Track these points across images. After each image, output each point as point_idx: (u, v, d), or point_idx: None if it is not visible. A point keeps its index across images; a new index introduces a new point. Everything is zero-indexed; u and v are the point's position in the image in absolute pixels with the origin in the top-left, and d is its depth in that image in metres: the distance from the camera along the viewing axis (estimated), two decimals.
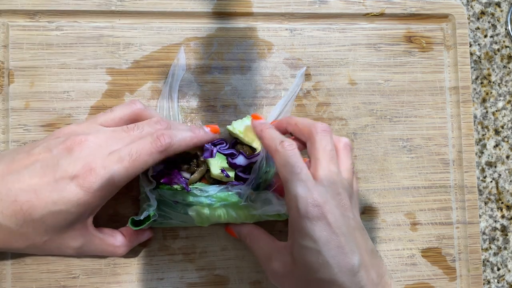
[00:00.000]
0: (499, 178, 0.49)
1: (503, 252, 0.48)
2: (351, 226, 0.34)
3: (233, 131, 0.40)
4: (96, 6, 0.42)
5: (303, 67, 0.44)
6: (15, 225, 0.33)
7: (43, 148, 0.34)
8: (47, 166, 0.33)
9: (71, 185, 0.33)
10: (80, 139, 0.34)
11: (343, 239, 0.33)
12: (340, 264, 0.33)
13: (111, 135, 0.35)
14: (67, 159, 0.33)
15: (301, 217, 0.33)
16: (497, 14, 0.49)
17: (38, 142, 0.36)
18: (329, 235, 0.33)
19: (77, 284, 0.40)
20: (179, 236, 0.42)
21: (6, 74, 0.41)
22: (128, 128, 0.36)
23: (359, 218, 0.36)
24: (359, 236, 0.34)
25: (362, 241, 0.34)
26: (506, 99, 0.49)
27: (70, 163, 0.33)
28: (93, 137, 0.35)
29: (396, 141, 0.45)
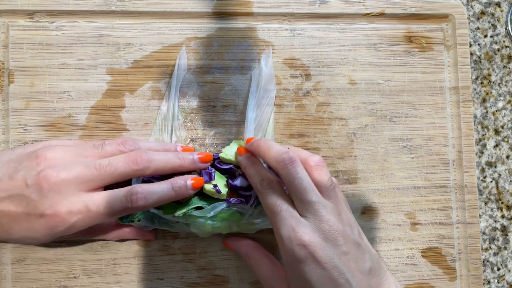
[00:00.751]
0: (499, 178, 0.49)
1: (503, 252, 0.48)
2: (343, 253, 0.33)
3: (226, 158, 0.39)
4: (96, 6, 0.42)
5: (269, 50, 0.44)
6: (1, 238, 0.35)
7: (22, 178, 0.34)
8: (22, 199, 0.34)
9: (41, 221, 0.34)
10: (51, 175, 0.34)
11: (336, 273, 0.33)
12: None
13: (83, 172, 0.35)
14: (37, 196, 0.34)
15: (289, 260, 0.34)
16: (497, 14, 0.49)
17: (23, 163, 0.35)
18: (320, 273, 0.33)
19: (77, 284, 0.40)
20: (179, 236, 0.42)
21: (6, 74, 0.41)
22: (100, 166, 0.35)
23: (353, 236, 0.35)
24: (353, 259, 0.34)
25: (356, 265, 0.34)
26: (506, 99, 0.49)
27: (40, 201, 0.34)
28: (66, 173, 0.34)
29: (396, 141, 0.45)
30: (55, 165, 0.35)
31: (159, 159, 0.36)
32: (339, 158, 0.44)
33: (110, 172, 0.35)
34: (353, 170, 0.44)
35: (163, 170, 0.37)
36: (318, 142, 0.44)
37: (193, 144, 0.42)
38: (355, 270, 0.33)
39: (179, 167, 0.37)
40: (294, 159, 0.35)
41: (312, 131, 0.44)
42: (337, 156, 0.44)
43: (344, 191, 0.44)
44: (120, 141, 0.37)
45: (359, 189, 0.44)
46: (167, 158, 0.37)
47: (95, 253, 0.41)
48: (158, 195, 0.35)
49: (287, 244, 0.33)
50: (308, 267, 0.33)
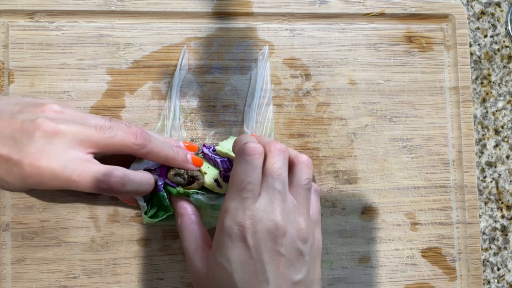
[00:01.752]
0: (499, 178, 0.49)
1: (503, 252, 0.48)
2: (276, 254, 0.32)
3: (222, 151, 0.40)
4: (96, 6, 0.42)
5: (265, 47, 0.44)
6: None
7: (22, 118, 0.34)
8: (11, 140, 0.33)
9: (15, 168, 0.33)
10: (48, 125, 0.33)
11: (260, 266, 0.31)
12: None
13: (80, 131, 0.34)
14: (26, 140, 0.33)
15: (223, 233, 0.32)
16: (497, 14, 0.49)
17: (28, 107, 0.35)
18: (245, 259, 0.31)
19: (77, 284, 0.40)
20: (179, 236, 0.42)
21: (6, 74, 0.41)
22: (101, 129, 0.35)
23: (301, 244, 0.33)
24: (285, 267, 0.32)
25: (285, 272, 0.32)
26: (506, 99, 0.49)
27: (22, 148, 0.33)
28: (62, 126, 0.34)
29: (396, 141, 0.45)
30: (58, 118, 0.34)
31: (157, 143, 0.36)
32: (339, 158, 0.44)
33: (108, 136, 0.34)
34: (353, 170, 0.44)
35: (157, 155, 0.36)
36: (318, 142, 0.44)
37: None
38: (281, 275, 0.32)
39: (172, 159, 0.37)
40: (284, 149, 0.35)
41: (312, 131, 0.44)
42: (337, 156, 0.44)
43: (344, 191, 0.44)
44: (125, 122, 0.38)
45: (359, 189, 0.44)
46: (165, 146, 0.37)
47: (95, 253, 0.41)
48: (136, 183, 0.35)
49: (229, 218, 0.32)
50: (237, 248, 0.32)
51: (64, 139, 0.33)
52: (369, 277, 0.44)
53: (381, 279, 0.44)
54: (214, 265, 0.33)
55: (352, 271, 0.44)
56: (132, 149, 0.35)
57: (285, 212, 0.33)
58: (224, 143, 0.40)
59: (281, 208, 0.33)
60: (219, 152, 0.40)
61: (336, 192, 0.44)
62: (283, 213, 0.33)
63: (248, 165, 0.33)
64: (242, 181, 0.33)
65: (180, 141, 0.40)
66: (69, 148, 0.33)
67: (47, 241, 0.40)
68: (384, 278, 0.44)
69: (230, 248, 0.32)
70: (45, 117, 0.34)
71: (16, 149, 0.33)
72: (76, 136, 0.34)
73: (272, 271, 0.31)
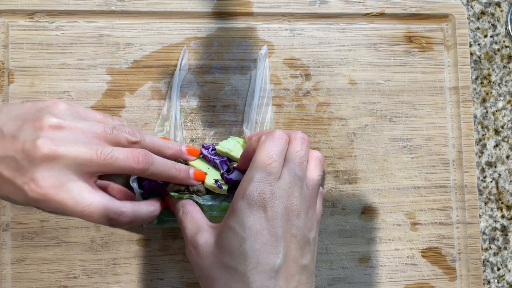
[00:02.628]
0: (499, 178, 0.49)
1: (503, 252, 0.48)
2: (289, 233, 0.33)
3: (222, 150, 0.40)
4: (96, 6, 0.42)
5: (264, 47, 0.44)
6: None
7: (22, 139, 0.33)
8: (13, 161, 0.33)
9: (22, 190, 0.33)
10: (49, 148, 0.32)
11: (273, 239, 0.32)
12: (259, 260, 0.31)
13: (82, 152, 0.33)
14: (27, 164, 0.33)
15: (242, 198, 0.33)
16: (497, 14, 0.49)
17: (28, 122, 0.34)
18: (260, 228, 0.32)
19: (77, 284, 0.40)
20: (179, 236, 0.42)
21: (6, 74, 0.41)
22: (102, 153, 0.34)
23: (308, 233, 0.34)
24: (295, 248, 0.33)
25: (296, 254, 0.33)
26: (506, 99, 0.49)
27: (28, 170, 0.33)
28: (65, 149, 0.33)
29: (396, 141, 0.45)
30: (56, 137, 0.33)
31: (158, 164, 0.36)
32: (339, 158, 0.44)
33: (109, 163, 0.34)
34: (353, 170, 0.44)
35: (160, 176, 0.36)
36: (318, 142, 0.44)
37: (193, 144, 0.42)
38: (291, 254, 0.33)
39: (174, 178, 0.37)
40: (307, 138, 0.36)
41: (312, 131, 0.44)
42: (337, 156, 0.44)
43: (344, 191, 0.44)
44: (129, 130, 0.37)
45: (359, 189, 0.44)
46: (166, 167, 0.37)
47: (95, 253, 0.41)
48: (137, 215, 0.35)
49: (252, 187, 0.33)
50: (254, 215, 0.32)
51: (66, 164, 0.33)
52: (369, 277, 0.44)
53: (381, 279, 0.44)
54: (225, 231, 0.33)
55: (352, 271, 0.44)
56: (134, 172, 0.35)
57: (301, 198, 0.34)
58: (224, 142, 0.40)
59: (299, 194, 0.34)
60: (219, 152, 0.40)
61: (336, 192, 0.44)
62: (299, 198, 0.34)
63: (276, 146, 0.34)
64: (270, 157, 0.34)
65: (182, 145, 0.40)
66: (72, 173, 0.33)
67: (47, 241, 0.40)
68: (384, 278, 0.44)
69: (247, 215, 0.32)
70: (44, 137, 0.33)
71: (19, 172, 0.33)
72: (77, 161, 0.33)
73: (284, 247, 0.32)
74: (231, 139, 0.41)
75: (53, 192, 0.32)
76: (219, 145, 0.40)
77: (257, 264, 0.31)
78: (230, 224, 0.33)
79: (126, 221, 0.34)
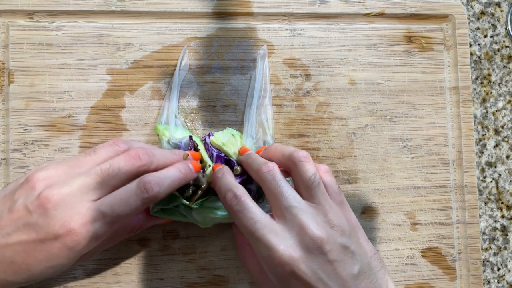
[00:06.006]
0: (499, 178, 0.49)
1: (503, 252, 0.48)
2: (328, 263, 0.32)
3: (216, 143, 0.40)
4: (96, 6, 0.42)
5: (263, 47, 0.44)
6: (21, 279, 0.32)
7: (22, 205, 0.32)
8: (30, 227, 0.31)
9: (57, 244, 0.31)
10: (53, 194, 0.31)
11: (321, 286, 0.31)
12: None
13: (85, 183, 0.32)
14: (45, 219, 0.31)
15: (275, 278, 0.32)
16: (497, 14, 0.49)
17: (17, 192, 0.33)
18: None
19: (77, 284, 0.40)
20: (179, 236, 0.42)
21: (6, 74, 0.41)
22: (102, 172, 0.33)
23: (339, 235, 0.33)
24: (340, 266, 0.32)
25: (344, 272, 0.32)
26: (506, 99, 0.49)
27: (49, 224, 0.31)
28: (67, 188, 0.32)
29: (396, 141, 0.45)
30: (52, 183, 0.32)
31: (159, 154, 0.35)
32: (339, 158, 0.44)
33: (114, 175, 0.32)
34: (353, 170, 0.44)
35: (164, 165, 0.35)
36: (318, 142, 0.44)
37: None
38: (342, 277, 0.32)
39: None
40: (270, 167, 0.35)
41: (312, 131, 0.44)
42: (337, 156, 0.44)
43: (344, 191, 0.44)
44: (111, 141, 0.36)
45: (359, 189, 0.44)
46: (166, 154, 0.36)
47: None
48: (170, 179, 0.33)
49: (268, 265, 0.32)
50: (292, 283, 0.32)
51: (76, 198, 0.31)
52: None
53: None
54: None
55: None
56: (141, 171, 0.34)
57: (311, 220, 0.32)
58: (219, 134, 0.40)
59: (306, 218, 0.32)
60: (213, 144, 0.40)
61: None
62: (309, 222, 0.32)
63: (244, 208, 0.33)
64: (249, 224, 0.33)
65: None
66: (86, 202, 0.32)
67: None
68: None
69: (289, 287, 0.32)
70: (41, 189, 0.32)
71: (42, 231, 0.31)
72: (85, 190, 0.32)
73: (335, 282, 0.32)
74: (227, 131, 0.41)
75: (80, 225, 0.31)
76: (214, 136, 0.40)
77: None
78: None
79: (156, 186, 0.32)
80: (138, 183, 0.32)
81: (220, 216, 0.38)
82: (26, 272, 0.32)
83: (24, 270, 0.32)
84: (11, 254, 0.31)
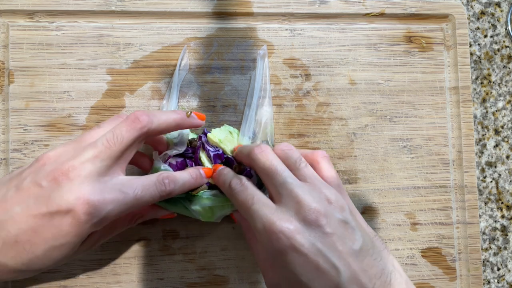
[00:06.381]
0: (499, 178, 0.49)
1: (503, 252, 0.48)
2: (326, 235, 0.31)
3: (213, 139, 0.40)
4: (96, 6, 0.42)
5: (263, 47, 0.44)
6: (21, 265, 0.31)
7: (32, 182, 0.32)
8: (40, 202, 0.31)
9: (68, 218, 0.31)
10: (66, 168, 0.31)
11: (320, 258, 0.30)
12: (323, 285, 0.30)
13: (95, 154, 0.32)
14: (58, 192, 0.31)
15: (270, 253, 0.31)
16: (497, 14, 0.49)
17: (26, 172, 0.33)
18: (303, 261, 0.30)
19: (77, 284, 0.40)
20: (179, 236, 0.42)
21: (6, 74, 0.41)
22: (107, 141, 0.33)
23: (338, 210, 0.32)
24: (340, 240, 0.31)
25: (344, 246, 0.31)
26: (506, 99, 0.49)
27: (63, 197, 0.31)
28: (78, 161, 0.32)
29: (396, 141, 0.45)
30: (63, 160, 0.32)
31: (159, 113, 0.35)
32: (339, 158, 0.44)
33: (119, 142, 0.33)
34: (353, 170, 0.44)
35: (167, 125, 0.35)
36: (318, 142, 0.44)
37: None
38: (342, 251, 0.30)
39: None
40: (263, 148, 0.35)
41: (312, 131, 0.44)
42: (337, 156, 0.44)
43: None
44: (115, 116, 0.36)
45: (359, 189, 0.44)
46: (167, 112, 0.36)
47: (95, 253, 0.41)
48: (182, 180, 0.35)
49: (264, 237, 0.31)
50: (289, 256, 0.30)
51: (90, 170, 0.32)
52: None
53: None
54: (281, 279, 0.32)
55: None
56: (143, 132, 0.34)
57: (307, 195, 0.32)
58: (216, 131, 0.40)
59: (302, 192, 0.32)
60: (209, 140, 0.40)
61: None
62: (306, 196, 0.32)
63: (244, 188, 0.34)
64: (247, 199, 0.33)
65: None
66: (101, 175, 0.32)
67: None
68: None
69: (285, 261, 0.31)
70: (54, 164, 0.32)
71: (55, 203, 0.31)
72: (97, 161, 0.32)
73: (333, 255, 0.30)
74: (224, 128, 0.41)
75: (98, 198, 0.31)
76: (212, 132, 0.40)
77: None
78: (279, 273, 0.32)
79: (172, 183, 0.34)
80: (157, 176, 0.34)
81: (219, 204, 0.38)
82: (29, 254, 0.31)
83: (27, 251, 0.31)
84: (16, 233, 0.31)
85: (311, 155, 0.37)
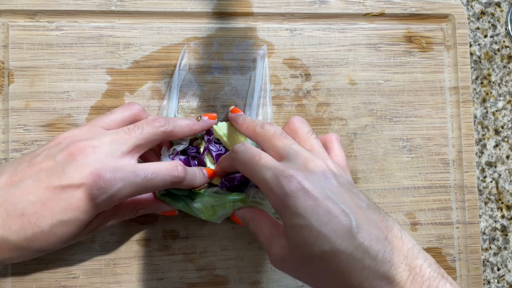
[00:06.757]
0: (499, 178, 0.49)
1: (503, 252, 0.48)
2: (335, 185, 0.31)
3: (218, 132, 0.40)
4: (96, 6, 0.42)
5: (263, 47, 0.44)
6: (24, 240, 0.31)
7: (46, 156, 0.33)
8: (52, 174, 0.32)
9: (79, 192, 0.31)
10: (83, 144, 0.33)
11: (330, 203, 0.30)
12: (335, 229, 0.29)
13: (113, 138, 0.34)
14: (72, 166, 0.32)
15: (279, 197, 0.31)
16: (497, 14, 0.49)
17: (39, 150, 0.34)
18: (313, 204, 0.30)
19: (77, 284, 0.40)
20: (179, 236, 0.42)
21: (6, 74, 0.41)
22: (129, 130, 0.36)
23: (344, 176, 0.33)
24: (347, 194, 0.31)
25: (351, 200, 0.31)
26: (506, 99, 0.49)
27: (77, 170, 0.31)
28: (96, 141, 0.33)
29: (396, 141, 0.45)
30: (79, 139, 0.33)
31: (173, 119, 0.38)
32: None
33: (139, 132, 0.35)
34: (353, 170, 0.44)
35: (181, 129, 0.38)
36: None
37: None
38: (350, 202, 0.30)
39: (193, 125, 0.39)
40: (266, 123, 0.36)
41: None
42: None
43: None
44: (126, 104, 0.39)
45: (359, 189, 0.44)
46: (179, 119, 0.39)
47: (95, 253, 0.41)
48: (192, 173, 0.37)
49: (274, 185, 0.31)
50: (300, 200, 0.30)
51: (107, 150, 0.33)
52: None
53: None
54: (290, 230, 0.31)
55: None
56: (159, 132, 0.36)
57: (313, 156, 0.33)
58: (222, 125, 0.41)
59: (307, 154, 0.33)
60: (214, 132, 0.40)
61: None
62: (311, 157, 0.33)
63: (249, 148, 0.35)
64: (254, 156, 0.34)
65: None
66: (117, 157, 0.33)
67: None
68: None
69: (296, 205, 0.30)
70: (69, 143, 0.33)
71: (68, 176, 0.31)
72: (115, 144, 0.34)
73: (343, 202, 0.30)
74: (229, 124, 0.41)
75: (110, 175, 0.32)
76: (218, 125, 0.40)
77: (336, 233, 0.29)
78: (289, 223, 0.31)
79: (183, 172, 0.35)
80: (171, 162, 0.35)
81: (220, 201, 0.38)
82: (34, 228, 0.31)
83: (32, 225, 0.31)
84: (23, 205, 0.31)
85: (325, 136, 0.38)
